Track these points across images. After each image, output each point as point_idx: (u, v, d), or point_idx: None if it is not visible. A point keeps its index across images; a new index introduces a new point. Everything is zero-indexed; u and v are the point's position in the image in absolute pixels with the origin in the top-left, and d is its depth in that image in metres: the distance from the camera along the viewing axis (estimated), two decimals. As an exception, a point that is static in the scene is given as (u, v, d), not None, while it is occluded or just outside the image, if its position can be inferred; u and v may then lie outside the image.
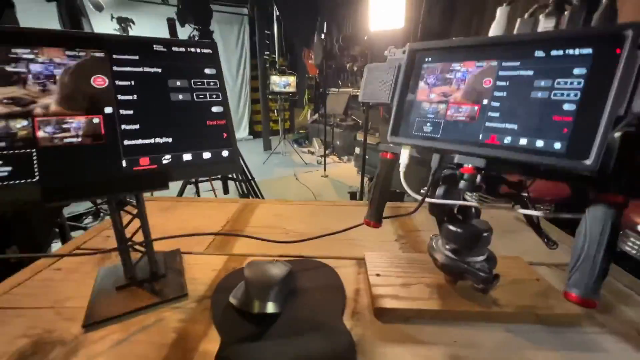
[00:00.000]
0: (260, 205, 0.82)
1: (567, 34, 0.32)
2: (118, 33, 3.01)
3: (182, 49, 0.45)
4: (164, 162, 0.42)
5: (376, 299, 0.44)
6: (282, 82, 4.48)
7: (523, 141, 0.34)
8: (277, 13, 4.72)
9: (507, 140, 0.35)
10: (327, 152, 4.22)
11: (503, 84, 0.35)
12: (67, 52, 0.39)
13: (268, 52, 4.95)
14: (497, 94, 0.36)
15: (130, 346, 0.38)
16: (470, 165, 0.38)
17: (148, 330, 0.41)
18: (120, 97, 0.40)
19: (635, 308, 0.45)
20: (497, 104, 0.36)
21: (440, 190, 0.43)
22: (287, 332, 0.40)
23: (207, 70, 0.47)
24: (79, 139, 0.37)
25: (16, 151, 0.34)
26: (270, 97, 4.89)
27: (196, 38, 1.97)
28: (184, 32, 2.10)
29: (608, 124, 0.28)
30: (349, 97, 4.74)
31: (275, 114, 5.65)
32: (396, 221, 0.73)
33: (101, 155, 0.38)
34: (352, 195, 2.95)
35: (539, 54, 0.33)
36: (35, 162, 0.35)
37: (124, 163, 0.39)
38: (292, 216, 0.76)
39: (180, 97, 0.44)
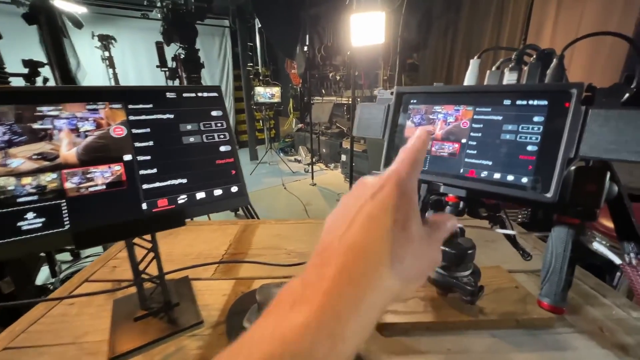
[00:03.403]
0: (259, 225, 0.86)
1: (528, 88, 0.38)
2: (100, 51, 2.99)
3: (192, 94, 0.49)
4: (180, 201, 0.46)
5: (377, 314, 0.49)
6: (266, 93, 4.53)
7: (497, 175, 0.40)
8: (259, 25, 4.78)
9: (484, 174, 0.41)
10: (313, 160, 4.27)
11: (478, 126, 0.41)
12: (88, 106, 0.42)
13: (251, 64, 5.00)
14: (473, 134, 0.42)
15: (156, 375, 0.41)
16: (453, 195, 0.44)
17: (170, 359, 0.44)
18: (137, 144, 0.44)
19: (599, 307, 0.52)
20: (474, 143, 0.42)
21: (429, 214, 0.48)
22: (300, 351, 0.44)
23: (213, 113, 0.51)
24: (103, 187, 0.41)
25: (47, 203, 0.38)
26: (254, 107, 4.92)
27: (182, 56, 2.00)
28: (170, 50, 2.12)
29: (562, 164, 0.35)
30: (333, 105, 4.83)
31: (261, 124, 5.68)
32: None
33: (124, 200, 0.42)
34: (341, 203, 3.00)
35: (507, 102, 0.39)
36: (65, 211, 0.38)
37: (144, 206, 0.43)
38: (290, 236, 0.81)
39: (192, 139, 0.48)
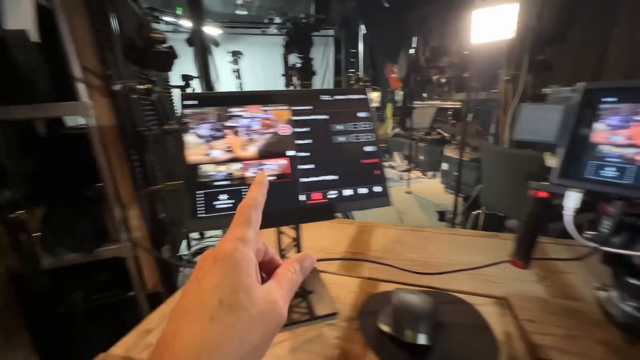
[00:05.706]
0: (375, 229, 0.86)
1: None
2: (232, 65, 3.56)
3: (343, 97, 0.52)
4: (330, 196, 0.49)
5: (538, 348, 0.42)
6: (366, 98, 4.56)
7: None
8: (363, 31, 4.87)
9: None
10: (410, 167, 4.09)
11: None
12: (262, 108, 0.49)
13: (352, 70, 5.13)
14: None
15: (304, 355, 0.45)
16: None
17: (313, 342, 0.47)
18: (298, 141, 0.49)
19: None
20: None
21: (623, 239, 0.39)
22: (445, 367, 0.41)
23: (360, 114, 0.53)
24: (274, 178, 0.46)
25: (234, 188, 0.45)
26: (352, 112, 5.02)
27: (297, 65, 2.19)
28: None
29: None
30: (436, 110, 4.53)
31: (356, 129, 5.75)
32: (531, 258, 0.68)
33: (286, 191, 0.47)
34: (441, 215, 2.78)
35: None
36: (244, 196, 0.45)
37: (301, 197, 0.47)
38: (410, 242, 0.78)
39: (341, 139, 0.51)
